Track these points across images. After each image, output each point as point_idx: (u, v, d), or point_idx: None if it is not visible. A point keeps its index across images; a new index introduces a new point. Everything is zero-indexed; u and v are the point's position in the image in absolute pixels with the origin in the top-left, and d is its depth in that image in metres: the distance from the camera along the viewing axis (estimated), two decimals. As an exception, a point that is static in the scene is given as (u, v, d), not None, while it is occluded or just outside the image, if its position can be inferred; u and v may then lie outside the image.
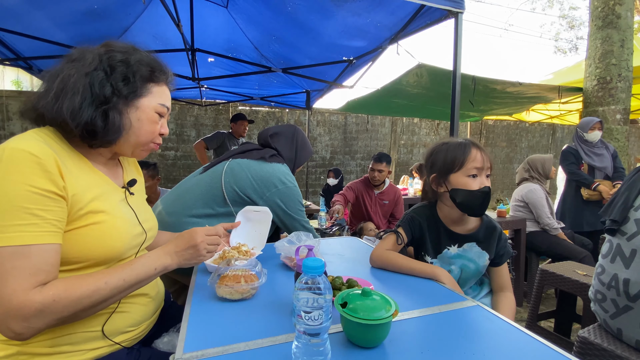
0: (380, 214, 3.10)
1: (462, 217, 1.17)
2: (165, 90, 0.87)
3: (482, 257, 1.17)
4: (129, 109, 0.78)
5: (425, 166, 1.22)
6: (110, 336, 0.78)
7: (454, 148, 1.12)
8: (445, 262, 1.19)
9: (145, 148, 0.86)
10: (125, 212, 0.82)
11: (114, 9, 2.62)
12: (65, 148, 0.75)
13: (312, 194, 6.39)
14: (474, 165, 1.08)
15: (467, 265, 1.17)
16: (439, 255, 1.19)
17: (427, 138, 7.54)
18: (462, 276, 1.19)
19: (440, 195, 1.19)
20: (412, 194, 4.44)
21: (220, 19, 3.01)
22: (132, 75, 0.77)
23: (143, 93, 0.80)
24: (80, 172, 0.74)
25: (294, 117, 6.40)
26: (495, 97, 3.86)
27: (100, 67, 0.75)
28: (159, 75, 0.83)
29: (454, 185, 1.10)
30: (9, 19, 2.41)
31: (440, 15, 1.98)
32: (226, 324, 0.77)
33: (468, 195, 1.08)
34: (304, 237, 1.18)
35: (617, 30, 3.59)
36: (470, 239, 1.18)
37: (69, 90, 0.71)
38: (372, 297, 0.72)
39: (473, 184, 1.08)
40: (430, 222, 1.22)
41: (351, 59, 3.13)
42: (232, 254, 1.13)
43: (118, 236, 0.76)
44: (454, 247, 1.17)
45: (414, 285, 1.03)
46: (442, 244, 1.19)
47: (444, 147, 1.15)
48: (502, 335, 0.74)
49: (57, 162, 0.67)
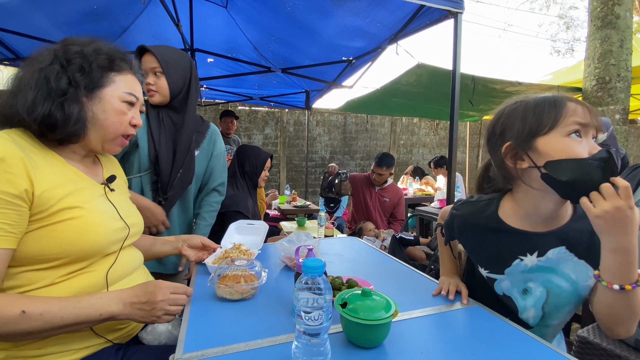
0: (379, 210, 3.10)
1: (551, 208, 0.78)
2: (132, 78, 0.85)
3: (581, 270, 0.77)
4: (92, 100, 0.77)
5: (490, 140, 0.84)
6: (100, 334, 0.78)
7: (540, 102, 0.75)
8: (518, 280, 0.82)
9: (117, 141, 0.84)
10: (105, 207, 0.82)
11: (114, 9, 2.62)
12: (37, 146, 0.74)
13: (312, 194, 6.39)
14: (575, 119, 0.70)
15: (557, 284, 0.78)
16: (507, 270, 0.82)
17: (426, 138, 7.54)
18: (550, 301, 0.79)
19: (517, 178, 0.79)
20: (411, 194, 4.45)
21: (219, 19, 3.01)
22: (88, 65, 0.76)
23: (105, 83, 0.79)
24: (51, 169, 0.73)
25: (293, 117, 6.40)
26: (494, 96, 3.86)
27: (55, 61, 0.74)
28: (120, 63, 0.82)
29: (546, 154, 0.71)
30: (8, 19, 2.41)
31: (439, 16, 1.98)
32: (226, 324, 0.77)
33: (577, 166, 0.67)
34: (304, 237, 1.18)
35: (616, 30, 3.60)
36: (556, 241, 0.78)
37: (22, 87, 0.71)
38: (372, 297, 0.72)
39: (578, 147, 0.69)
40: (480, 223, 0.88)
41: (350, 59, 3.13)
42: (232, 254, 1.13)
43: (97, 230, 0.76)
44: (531, 257, 0.80)
45: (414, 285, 1.03)
46: (509, 253, 0.83)
47: (520, 104, 0.78)
48: (502, 335, 0.74)
49: (23, 161, 0.66)
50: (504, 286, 0.85)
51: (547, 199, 0.76)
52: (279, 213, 3.67)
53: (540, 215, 0.79)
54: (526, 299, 0.82)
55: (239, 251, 1.17)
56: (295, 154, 6.53)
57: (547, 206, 0.77)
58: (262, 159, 1.92)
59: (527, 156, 0.74)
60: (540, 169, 0.72)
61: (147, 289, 0.75)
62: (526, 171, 0.76)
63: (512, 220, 0.83)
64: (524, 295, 0.82)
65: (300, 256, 0.99)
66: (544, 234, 0.79)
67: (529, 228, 0.81)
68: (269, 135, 6.31)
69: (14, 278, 0.70)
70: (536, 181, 0.74)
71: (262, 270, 0.96)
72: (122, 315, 0.73)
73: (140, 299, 0.74)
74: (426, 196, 4.38)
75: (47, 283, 0.71)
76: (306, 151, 5.49)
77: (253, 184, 1.91)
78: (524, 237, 0.81)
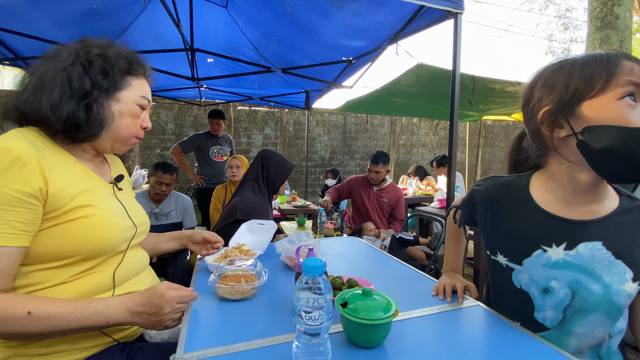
0: (378, 211, 3.09)
1: (589, 188, 0.66)
2: (145, 83, 0.87)
3: (617, 272, 0.65)
4: (110, 102, 0.79)
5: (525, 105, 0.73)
6: (107, 333, 0.79)
7: (590, 60, 0.63)
8: (539, 276, 0.70)
9: (128, 142, 0.85)
10: (115, 205, 0.83)
11: (114, 9, 2.62)
12: (49, 145, 0.75)
13: (312, 194, 6.39)
14: (630, 78, 0.58)
15: (586, 285, 0.66)
16: (526, 261, 0.71)
17: (426, 138, 7.55)
18: (575, 304, 0.67)
19: (552, 149, 0.68)
20: (411, 194, 4.45)
21: (219, 19, 3.01)
22: (110, 69, 0.78)
23: (123, 86, 0.81)
24: (64, 168, 0.74)
25: (293, 117, 6.40)
26: (494, 96, 3.87)
27: (77, 61, 0.76)
28: (137, 68, 0.84)
29: (592, 121, 0.60)
30: (8, 19, 2.41)
31: (439, 16, 1.98)
32: (226, 324, 0.77)
33: (621, 135, 0.57)
34: (304, 237, 1.18)
35: (616, 30, 3.61)
36: (592, 233, 0.66)
37: (47, 85, 0.72)
38: (373, 297, 0.72)
39: (631, 114, 0.58)
40: (504, 197, 0.76)
41: (350, 59, 3.13)
42: (233, 254, 1.13)
43: (109, 229, 0.77)
44: (557, 249, 0.68)
45: (415, 285, 1.03)
46: (531, 239, 0.71)
47: (566, 63, 0.66)
48: (502, 335, 0.74)
49: (37, 160, 0.67)
50: (522, 279, 0.73)
51: (582, 175, 0.65)
52: (279, 213, 3.67)
53: (575, 197, 0.67)
54: (546, 299, 0.70)
55: (239, 251, 1.17)
56: (295, 154, 6.52)
57: (582, 185, 0.66)
58: (288, 169, 1.91)
59: (568, 123, 0.63)
60: (577, 136, 0.61)
61: (153, 299, 0.74)
62: (564, 141, 0.64)
63: (542, 200, 0.71)
64: (544, 294, 0.71)
65: (301, 256, 0.99)
66: (577, 223, 0.66)
67: (560, 213, 0.68)
68: (269, 135, 6.31)
69: (26, 277, 0.70)
70: (573, 152, 0.63)
71: (263, 270, 0.96)
72: (129, 323, 0.75)
73: (147, 310, 0.73)
74: (426, 196, 4.38)
75: (58, 282, 0.72)
76: (306, 151, 5.49)
77: (274, 190, 1.90)
78: (552, 223, 0.68)
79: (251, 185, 1.81)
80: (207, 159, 3.64)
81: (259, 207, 1.72)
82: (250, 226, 1.43)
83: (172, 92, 4.53)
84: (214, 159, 3.65)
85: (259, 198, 1.78)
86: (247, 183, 1.84)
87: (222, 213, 1.85)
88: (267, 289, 0.97)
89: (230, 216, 1.67)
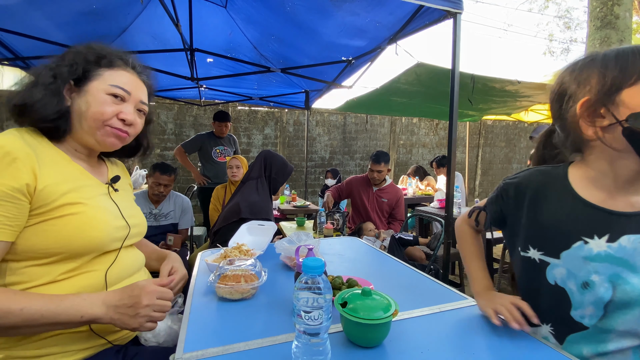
0: (378, 211, 3.09)
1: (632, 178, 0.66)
2: (123, 73, 0.85)
3: None
4: (79, 94, 0.80)
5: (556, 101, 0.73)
6: (100, 334, 0.78)
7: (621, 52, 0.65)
8: (579, 269, 0.68)
9: (103, 132, 0.81)
10: (107, 204, 0.83)
11: (113, 9, 2.62)
12: (45, 144, 0.77)
13: (312, 194, 6.39)
14: None
15: (627, 279, 0.64)
16: (564, 253, 0.69)
17: (426, 138, 7.55)
18: (617, 299, 0.65)
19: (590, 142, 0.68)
20: (411, 194, 4.45)
21: (219, 19, 3.01)
22: (76, 61, 0.80)
23: (92, 77, 0.81)
24: (56, 165, 0.75)
25: (293, 117, 6.40)
26: (494, 95, 3.86)
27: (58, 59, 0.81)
28: (113, 59, 0.84)
29: (633, 106, 0.61)
30: (7, 19, 2.40)
31: (439, 16, 1.98)
32: (226, 324, 0.77)
33: None
34: (304, 237, 1.18)
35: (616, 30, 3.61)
36: (636, 225, 0.65)
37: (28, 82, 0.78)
38: (372, 296, 0.72)
39: None
40: (541, 187, 0.74)
41: (350, 59, 3.13)
42: (233, 254, 1.13)
43: (97, 226, 0.76)
44: (599, 240, 0.66)
45: (414, 285, 1.03)
46: (571, 231, 0.69)
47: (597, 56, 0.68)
48: (502, 334, 0.74)
49: (28, 156, 0.68)
50: (557, 274, 0.70)
51: (626, 164, 0.64)
52: (278, 213, 3.67)
53: (617, 188, 0.67)
54: (585, 294, 0.67)
55: (239, 251, 1.17)
56: (295, 154, 6.53)
57: (625, 176, 0.65)
58: (289, 171, 1.95)
59: (609, 112, 0.63)
60: (621, 124, 0.61)
61: (132, 292, 0.72)
62: (607, 130, 0.64)
63: (583, 190, 0.69)
64: (583, 289, 0.67)
65: (300, 256, 0.99)
66: (621, 214, 0.65)
67: (602, 204, 0.67)
68: (269, 135, 6.31)
69: (16, 273, 0.70)
70: (618, 140, 0.63)
71: (262, 270, 0.96)
72: (105, 318, 0.70)
73: (125, 303, 0.70)
74: (426, 196, 4.38)
75: (49, 280, 0.72)
76: (306, 151, 5.49)
77: (274, 189, 1.92)
78: (594, 213, 0.67)
79: (254, 185, 1.82)
80: (209, 159, 3.64)
81: (263, 205, 1.73)
82: (250, 227, 1.43)
83: (172, 92, 4.52)
84: (216, 159, 3.65)
85: (262, 197, 1.80)
86: (250, 182, 1.85)
87: (223, 212, 1.85)
88: (267, 289, 0.97)
89: (234, 215, 1.67)
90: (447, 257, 2.06)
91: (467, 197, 5.99)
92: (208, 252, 1.27)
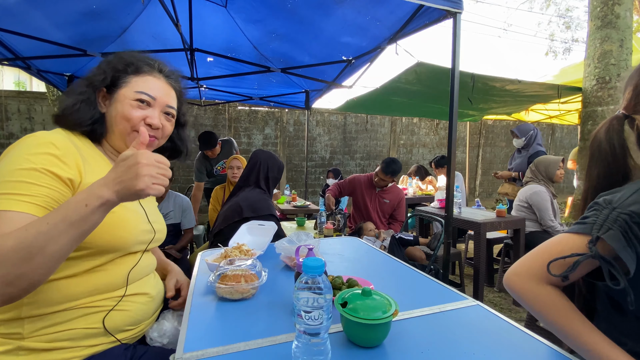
0: (379, 211, 3.09)
1: None
2: (149, 79, 0.87)
3: None
4: (111, 102, 0.84)
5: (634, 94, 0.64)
6: (110, 332, 0.79)
7: None
8: None
9: (132, 137, 0.83)
10: (136, 208, 0.88)
11: (113, 9, 2.62)
12: (88, 145, 0.84)
13: (312, 194, 6.39)
14: None
15: None
16: None
17: (426, 138, 7.55)
18: None
19: None
20: (411, 194, 4.45)
21: (219, 19, 3.01)
22: (108, 69, 0.85)
23: (121, 85, 0.84)
24: (98, 167, 0.80)
25: (293, 117, 6.40)
26: (494, 95, 3.86)
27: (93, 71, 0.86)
28: (140, 65, 0.87)
29: None
30: (7, 19, 2.40)
31: (438, 16, 1.98)
32: (226, 324, 0.77)
33: None
34: (304, 237, 1.18)
35: (616, 30, 3.60)
36: None
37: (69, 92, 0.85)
38: (372, 296, 0.72)
39: None
40: None
41: (350, 59, 3.13)
42: (233, 254, 1.13)
43: (126, 227, 0.80)
44: None
45: (414, 285, 1.03)
46: None
47: None
48: (502, 334, 0.74)
49: (74, 155, 0.74)
50: None
51: None
52: (278, 213, 3.67)
53: None
54: None
55: (239, 251, 1.17)
56: (295, 154, 6.53)
57: None
58: (282, 168, 1.97)
59: None
60: None
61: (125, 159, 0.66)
62: None
63: None
64: None
65: (301, 256, 0.99)
66: None
67: None
68: (269, 135, 6.31)
69: None
70: None
71: (263, 270, 0.96)
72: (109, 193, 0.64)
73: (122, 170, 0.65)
74: (426, 196, 4.38)
75: (70, 274, 0.73)
76: (306, 151, 5.49)
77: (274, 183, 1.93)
78: None
79: (256, 183, 1.83)
80: (211, 176, 3.68)
81: (268, 203, 1.74)
82: (250, 227, 1.43)
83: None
84: (219, 173, 3.68)
85: (265, 195, 1.80)
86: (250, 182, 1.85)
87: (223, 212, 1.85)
88: (267, 289, 0.96)
89: (235, 215, 1.67)
90: (447, 257, 2.06)
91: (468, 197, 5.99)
92: (208, 252, 1.27)
